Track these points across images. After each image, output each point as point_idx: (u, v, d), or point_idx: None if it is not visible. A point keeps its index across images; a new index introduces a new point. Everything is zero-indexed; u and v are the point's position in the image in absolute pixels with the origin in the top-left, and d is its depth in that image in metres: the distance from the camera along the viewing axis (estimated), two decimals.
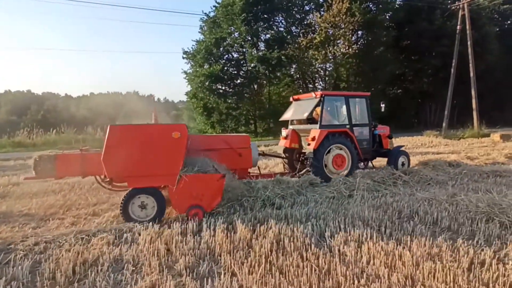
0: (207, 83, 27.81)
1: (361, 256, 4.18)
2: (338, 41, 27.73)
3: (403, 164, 9.95)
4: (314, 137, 8.54)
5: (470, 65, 24.02)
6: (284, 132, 10.00)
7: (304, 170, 9.09)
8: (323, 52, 27.55)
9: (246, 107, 30.31)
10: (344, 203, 6.67)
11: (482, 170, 9.76)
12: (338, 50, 27.55)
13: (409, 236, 4.72)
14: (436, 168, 10.11)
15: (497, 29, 40.92)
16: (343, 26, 27.03)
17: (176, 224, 5.37)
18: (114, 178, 6.07)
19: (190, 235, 4.99)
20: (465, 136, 23.08)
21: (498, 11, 42.27)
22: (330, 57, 28.30)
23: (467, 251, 4.25)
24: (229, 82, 29.24)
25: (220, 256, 4.33)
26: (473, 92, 24.11)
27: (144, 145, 5.53)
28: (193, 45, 31.90)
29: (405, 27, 33.67)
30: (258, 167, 8.77)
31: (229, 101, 29.03)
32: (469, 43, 24.09)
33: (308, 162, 8.85)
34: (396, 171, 8.89)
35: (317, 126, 8.77)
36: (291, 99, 10.48)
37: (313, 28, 29.72)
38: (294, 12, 32.40)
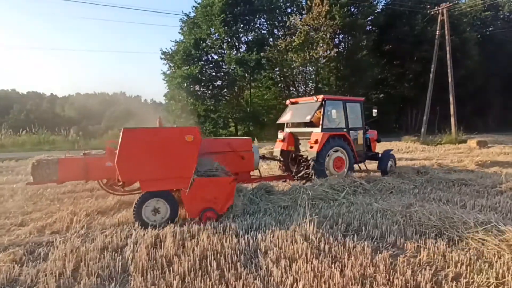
0: (185, 85, 27.21)
1: (287, 277, 3.76)
2: (321, 44, 27.33)
3: (391, 167, 10.39)
4: (316, 140, 8.74)
5: (449, 70, 23.96)
6: (280, 135, 10.16)
7: (302, 172, 9.28)
8: (302, 55, 27.18)
9: (225, 110, 29.79)
10: (294, 214, 6.24)
11: (448, 178, 9.46)
12: (317, 53, 27.19)
13: (347, 254, 4.33)
14: (402, 176, 9.81)
15: (479, 36, 41.35)
16: (323, 29, 26.76)
17: (100, 237, 4.89)
18: (127, 182, 5.97)
19: (110, 251, 4.51)
20: (443, 142, 22.96)
21: (480, 17, 42.77)
22: (312, 60, 27.83)
23: (405, 272, 3.87)
24: (208, 84, 28.65)
25: (133, 277, 3.86)
26: (451, 98, 24.05)
27: (158, 148, 5.50)
28: (172, 46, 31.22)
29: (387, 31, 33.65)
30: (259, 170, 8.70)
31: (208, 103, 28.50)
32: (447, 48, 24.05)
33: (307, 164, 9.09)
34: (358, 179, 8.53)
35: (317, 129, 9.02)
36: (287, 102, 10.63)
37: (293, 31, 29.35)
38: (276, 14, 32.05)
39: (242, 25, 29.15)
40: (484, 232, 4.73)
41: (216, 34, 28.96)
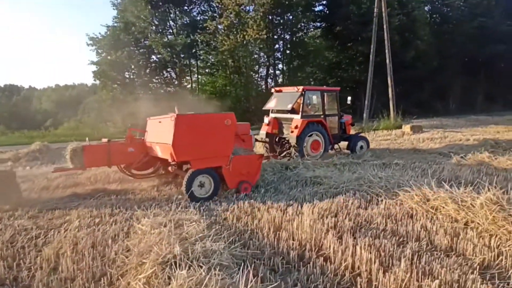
0: (114, 73, 25.09)
1: None
2: (252, 25, 25.09)
3: (361, 147, 11.65)
4: (297, 125, 10.08)
5: (386, 51, 22.45)
6: (266, 120, 11.42)
7: (285, 153, 10.85)
8: (232, 37, 25.11)
9: (161, 99, 27.61)
10: None
11: (305, 175, 7.95)
12: (249, 35, 25.03)
13: None
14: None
15: (438, 16, 39.99)
16: (253, 8, 24.70)
17: None
18: (180, 161, 6.77)
19: None
20: (380, 128, 21.57)
21: None
22: (243, 43, 25.63)
23: None
24: (137, 71, 26.45)
25: None
26: (389, 81, 22.53)
27: (205, 131, 6.42)
28: (106, 31, 28.65)
29: (335, 11, 31.71)
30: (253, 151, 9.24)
31: (137, 92, 26.32)
32: (385, 26, 22.38)
33: (289, 146, 10.55)
34: None
35: (298, 116, 10.31)
36: (272, 90, 12.00)
37: (222, 11, 27.09)
38: None
39: (171, 6, 26.77)
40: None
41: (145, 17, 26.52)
